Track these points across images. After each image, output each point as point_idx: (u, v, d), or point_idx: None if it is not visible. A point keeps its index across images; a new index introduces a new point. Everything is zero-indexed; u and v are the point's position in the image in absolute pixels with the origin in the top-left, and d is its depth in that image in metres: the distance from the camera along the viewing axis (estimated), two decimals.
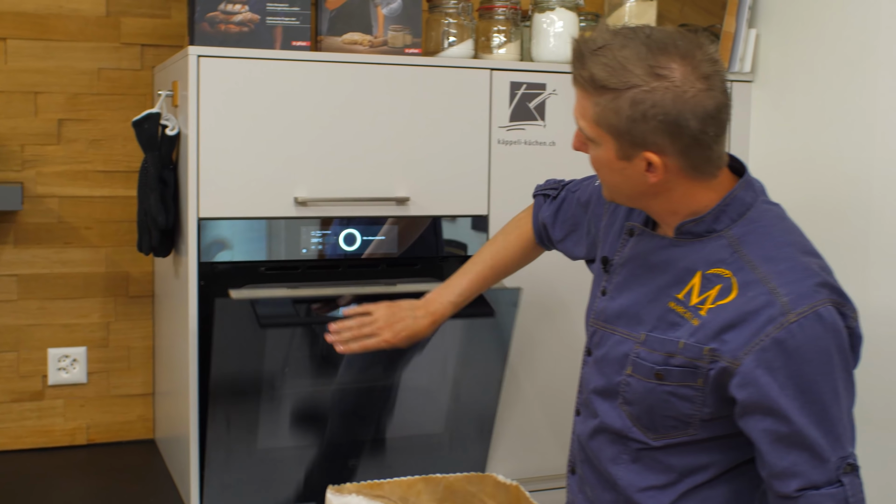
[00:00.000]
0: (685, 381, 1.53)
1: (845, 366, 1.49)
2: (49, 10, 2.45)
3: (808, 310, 1.45)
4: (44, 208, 2.48)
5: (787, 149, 2.41)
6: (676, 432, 1.56)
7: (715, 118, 1.46)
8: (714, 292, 1.51)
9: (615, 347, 1.63)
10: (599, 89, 1.46)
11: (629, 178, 1.53)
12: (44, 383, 2.52)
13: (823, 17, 2.31)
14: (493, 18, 2.38)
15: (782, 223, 1.58)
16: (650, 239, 1.63)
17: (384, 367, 2.28)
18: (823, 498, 1.46)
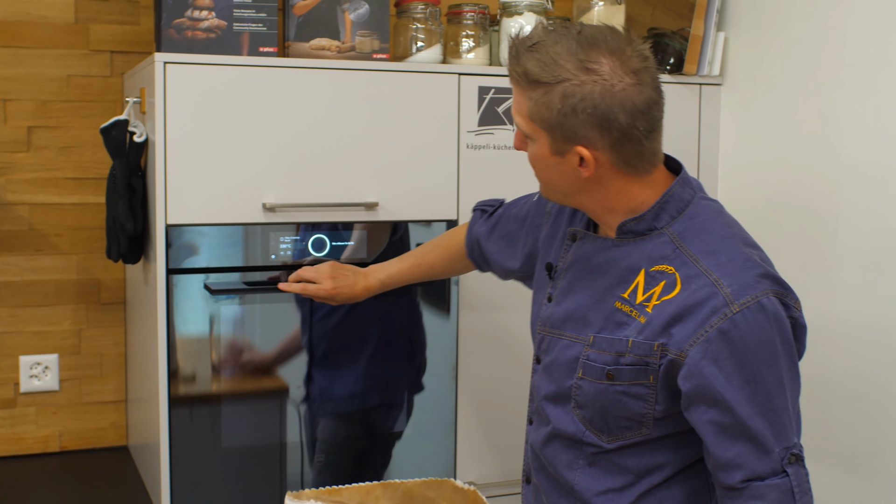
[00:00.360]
0: (637, 380, 1.54)
1: (789, 356, 1.50)
2: (17, 18, 2.44)
3: (751, 300, 1.47)
4: (14, 216, 2.47)
5: (756, 151, 2.43)
6: (630, 433, 1.57)
7: (644, 113, 1.49)
8: (659, 289, 1.53)
9: (564, 352, 1.64)
10: (532, 84, 1.50)
11: (563, 174, 1.56)
12: (16, 391, 2.52)
13: (791, 20, 2.32)
14: (462, 23, 2.38)
15: (721, 217, 1.60)
16: (592, 241, 1.64)
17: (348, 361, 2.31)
18: (768, 489, 1.48)
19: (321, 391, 2.31)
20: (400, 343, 2.36)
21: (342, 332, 2.31)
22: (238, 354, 2.24)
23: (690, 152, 2.50)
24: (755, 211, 2.42)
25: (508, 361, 2.37)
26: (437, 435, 2.37)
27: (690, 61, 2.45)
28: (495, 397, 2.38)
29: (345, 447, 2.36)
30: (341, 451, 2.35)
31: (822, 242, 2.23)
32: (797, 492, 1.48)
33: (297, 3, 2.22)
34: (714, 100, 2.52)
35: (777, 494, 1.47)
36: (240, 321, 2.23)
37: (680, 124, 2.49)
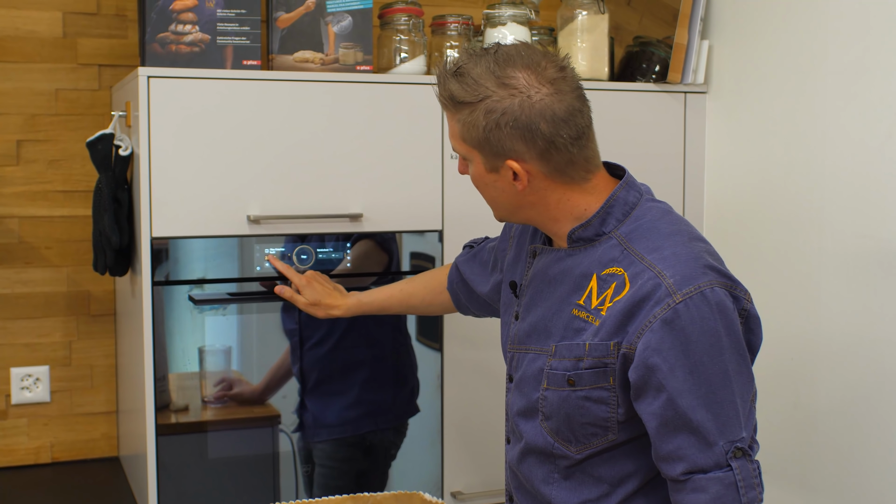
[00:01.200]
0: (597, 384, 1.55)
1: (736, 348, 1.51)
2: (5, 32, 2.46)
3: (694, 290, 1.49)
4: (3, 229, 2.49)
5: (742, 159, 2.43)
6: (597, 440, 1.58)
7: (566, 121, 1.54)
8: (610, 291, 1.56)
9: (530, 365, 1.66)
10: (458, 105, 1.56)
11: (503, 191, 1.61)
12: (7, 402, 2.54)
13: (775, 28, 2.33)
14: (446, 34, 2.40)
15: (668, 216, 1.62)
16: (548, 254, 1.68)
17: (337, 371, 2.33)
18: (709, 482, 1.49)
19: (314, 419, 2.32)
20: (391, 368, 2.38)
21: (333, 360, 2.33)
22: (225, 366, 2.26)
23: (676, 161, 2.51)
24: (741, 219, 2.42)
25: (490, 376, 2.39)
26: (425, 449, 2.38)
27: (674, 70, 2.46)
28: (478, 413, 2.39)
29: (345, 468, 2.37)
30: (341, 473, 2.37)
31: (807, 249, 2.24)
32: (742, 486, 1.49)
33: (280, 15, 2.24)
34: (699, 108, 2.52)
35: (719, 488, 1.48)
36: (226, 332, 2.24)
37: (665, 133, 2.50)
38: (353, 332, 2.32)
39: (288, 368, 2.32)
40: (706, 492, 1.49)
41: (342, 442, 2.36)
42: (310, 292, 2.12)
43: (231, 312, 2.23)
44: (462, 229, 2.31)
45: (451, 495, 2.37)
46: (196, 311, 2.17)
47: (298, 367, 2.31)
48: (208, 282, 2.17)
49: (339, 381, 2.34)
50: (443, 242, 2.31)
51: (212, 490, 2.23)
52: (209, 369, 2.26)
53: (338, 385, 2.34)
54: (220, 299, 2.19)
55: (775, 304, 2.29)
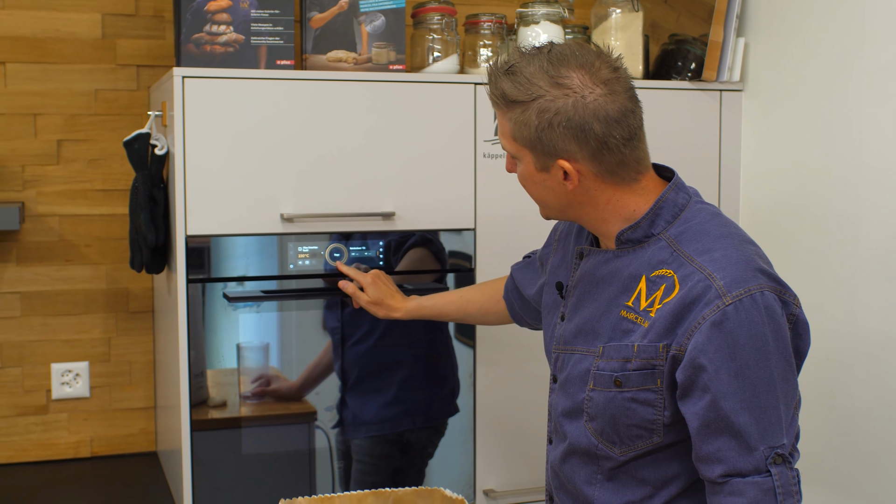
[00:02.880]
0: (644, 385, 1.55)
1: (783, 354, 1.50)
2: (46, 34, 2.51)
3: (744, 293, 1.48)
4: (44, 227, 2.54)
5: (778, 158, 2.41)
6: (641, 442, 1.58)
7: (619, 121, 1.53)
8: (660, 293, 1.55)
9: (576, 366, 1.65)
10: (510, 104, 1.56)
11: (552, 190, 1.60)
12: (47, 397, 2.58)
13: (811, 25, 2.31)
14: (479, 33, 2.40)
15: (718, 219, 1.62)
16: (595, 255, 1.67)
17: (372, 370, 2.35)
18: (747, 486, 1.48)
19: (353, 415, 2.34)
20: (431, 368, 2.39)
21: (373, 358, 2.35)
22: (263, 363, 2.28)
23: (711, 159, 2.50)
24: (777, 218, 2.40)
25: (524, 374, 2.39)
26: (458, 447, 2.39)
27: (709, 67, 2.45)
28: (511, 412, 2.39)
29: (382, 465, 2.39)
30: (378, 470, 2.38)
31: (843, 249, 2.21)
32: (780, 492, 1.47)
33: (313, 15, 2.25)
34: (735, 106, 2.50)
35: (756, 493, 1.47)
36: (263, 329, 2.27)
37: (701, 132, 2.49)
38: (394, 331, 2.33)
39: (325, 366, 2.34)
40: (743, 496, 1.48)
41: (380, 439, 2.37)
42: (373, 291, 2.15)
43: (267, 310, 2.25)
44: (494, 228, 2.32)
45: (484, 493, 2.38)
46: (230, 308, 2.19)
47: (340, 365, 2.33)
48: (242, 279, 2.19)
49: (378, 379, 2.36)
50: (475, 241, 2.32)
51: (246, 485, 2.25)
52: (247, 366, 2.28)
53: (377, 383, 2.36)
54: (254, 297, 2.22)
55: (811, 305, 2.26)
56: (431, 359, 2.39)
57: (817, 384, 2.27)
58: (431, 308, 2.15)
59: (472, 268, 2.33)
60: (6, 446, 2.56)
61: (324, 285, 2.25)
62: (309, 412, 2.34)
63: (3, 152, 2.50)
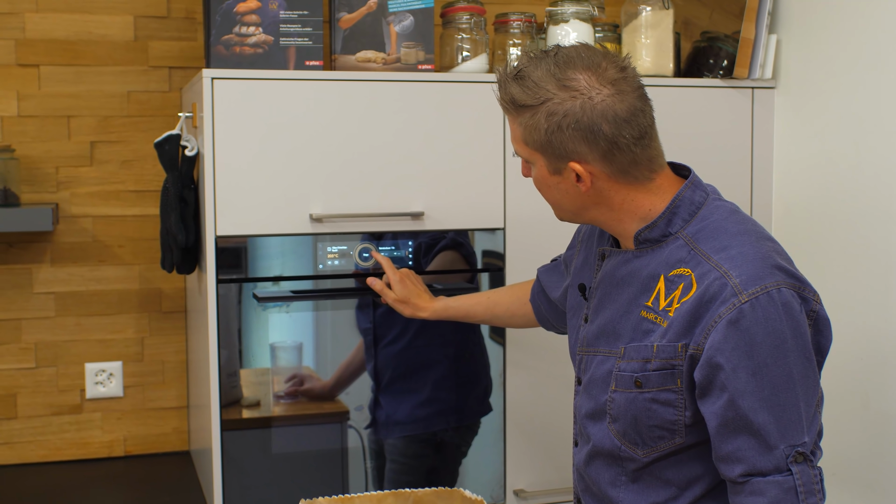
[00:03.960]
0: (664, 386, 1.54)
1: (802, 351, 1.48)
2: (79, 37, 2.53)
3: (760, 291, 1.47)
4: (78, 228, 2.56)
5: (811, 156, 2.38)
6: (664, 443, 1.57)
7: (629, 121, 1.53)
8: (678, 292, 1.54)
9: (599, 367, 1.65)
10: (520, 109, 1.56)
11: (566, 193, 1.61)
12: (82, 397, 2.61)
13: (843, 21, 2.28)
14: (509, 32, 2.40)
15: (735, 215, 1.60)
16: (616, 256, 1.66)
17: (403, 371, 2.35)
18: (768, 485, 1.46)
19: (387, 416, 2.35)
20: (464, 368, 2.39)
21: (406, 358, 2.35)
22: (297, 363, 2.29)
23: (743, 158, 2.47)
24: (810, 216, 2.38)
25: (554, 374, 2.38)
26: (488, 447, 2.39)
27: (741, 65, 2.42)
28: (541, 412, 2.39)
29: (416, 464, 2.39)
30: (412, 469, 2.39)
31: (877, 248, 2.18)
32: (802, 491, 1.46)
33: (342, 16, 2.26)
34: (767, 104, 2.48)
35: (777, 492, 1.46)
36: (296, 329, 2.28)
37: (732, 130, 2.46)
38: (427, 332, 2.33)
39: (358, 365, 2.34)
40: (764, 495, 1.46)
41: (413, 438, 2.37)
42: (401, 289, 2.15)
43: (299, 309, 2.26)
44: (524, 228, 2.31)
45: (514, 493, 2.37)
46: (260, 308, 2.20)
47: (373, 365, 2.33)
48: (271, 279, 2.20)
49: (412, 379, 2.36)
50: (505, 241, 2.31)
51: (277, 485, 2.26)
52: (280, 365, 2.29)
53: (411, 383, 2.36)
54: (283, 297, 2.23)
55: (844, 304, 2.24)
56: (464, 358, 2.39)
57: (851, 384, 2.24)
58: (458, 309, 2.15)
59: (502, 267, 2.32)
60: (41, 445, 2.59)
61: (355, 285, 2.26)
62: (341, 412, 2.35)
63: (38, 154, 2.52)
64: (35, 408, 2.58)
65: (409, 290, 2.15)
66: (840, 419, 2.26)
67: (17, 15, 2.49)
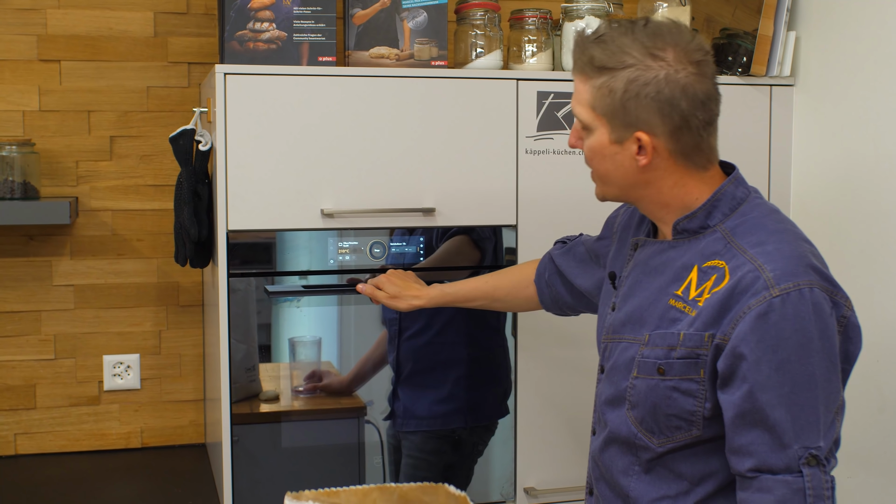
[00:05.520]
0: (687, 375, 1.53)
1: (828, 354, 1.47)
2: (100, 33, 2.56)
3: (793, 287, 1.45)
4: (97, 221, 2.59)
5: (829, 153, 2.36)
6: (680, 434, 1.56)
7: (704, 104, 1.53)
8: (710, 283, 1.53)
9: (622, 354, 1.64)
10: (598, 70, 1.54)
11: (620, 165, 1.58)
12: (100, 389, 2.64)
13: (863, 18, 2.25)
14: (524, 28, 2.39)
15: (776, 215, 1.60)
16: (651, 246, 1.66)
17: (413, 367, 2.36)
18: (777, 484, 1.45)
19: (405, 409, 2.35)
20: (486, 368, 2.39)
21: (429, 353, 2.35)
22: (316, 357, 2.31)
23: (762, 155, 2.45)
24: (828, 214, 2.35)
25: (565, 373, 2.37)
26: (499, 445, 2.39)
27: (759, 62, 2.40)
28: (552, 410, 2.38)
29: (433, 460, 2.39)
30: (429, 465, 2.39)
31: (895, 246, 2.15)
32: (810, 494, 1.44)
33: (356, 12, 2.26)
34: (786, 101, 2.45)
35: (785, 491, 1.44)
36: (314, 324, 2.29)
37: (751, 127, 2.44)
38: (452, 329, 2.33)
39: (377, 360, 2.35)
40: (772, 493, 1.45)
41: (431, 434, 2.37)
42: (390, 287, 2.13)
43: (320, 304, 2.27)
44: (536, 224, 2.31)
45: (525, 491, 2.37)
46: (272, 302, 2.22)
47: (395, 357, 2.33)
48: (282, 274, 2.21)
49: (432, 375, 2.36)
50: (517, 237, 2.30)
51: (290, 479, 2.27)
52: (300, 360, 2.31)
53: (431, 378, 2.36)
54: (294, 291, 2.24)
55: (861, 303, 2.20)
56: (487, 358, 2.38)
57: (867, 385, 2.21)
58: (455, 294, 2.12)
59: (514, 263, 2.31)
60: (59, 436, 2.62)
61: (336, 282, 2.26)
62: (358, 407, 2.36)
63: (58, 148, 2.56)
64: (54, 399, 2.61)
65: (399, 285, 2.12)
66: (856, 421, 2.23)
67: (39, 11, 2.52)
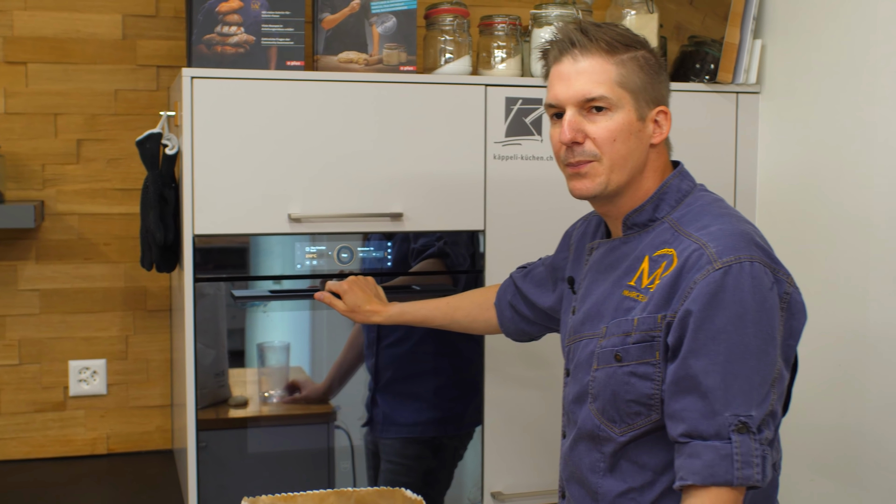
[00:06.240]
0: (643, 358, 1.56)
1: (764, 327, 1.50)
2: (67, 35, 2.54)
3: (734, 260, 1.50)
4: (64, 225, 2.57)
5: (794, 159, 2.37)
6: (640, 419, 1.58)
7: None
8: (660, 270, 1.57)
9: (583, 351, 1.67)
10: (626, 47, 1.61)
11: (640, 144, 1.63)
12: (65, 394, 2.61)
13: (827, 27, 2.27)
14: (493, 34, 2.39)
15: (719, 203, 1.65)
16: (604, 246, 1.71)
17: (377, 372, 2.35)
18: (706, 449, 1.48)
19: (384, 416, 2.35)
20: (466, 378, 2.38)
21: (409, 362, 2.35)
22: (285, 362, 2.30)
23: (728, 161, 2.46)
24: (793, 219, 2.37)
25: (529, 382, 2.37)
26: (466, 450, 2.39)
27: (725, 69, 2.41)
28: (518, 416, 2.38)
29: (413, 465, 2.39)
30: (409, 470, 2.38)
31: (857, 250, 2.17)
32: (738, 460, 1.46)
33: (325, 17, 2.26)
34: (752, 108, 2.47)
35: (713, 456, 1.47)
36: (270, 329, 2.28)
37: (717, 134, 2.46)
38: (433, 339, 2.33)
39: (350, 363, 2.33)
40: (700, 458, 1.48)
41: (412, 440, 2.37)
42: (350, 298, 2.12)
43: (291, 309, 2.26)
44: (504, 229, 2.31)
45: (492, 496, 2.37)
46: (243, 307, 2.21)
47: (373, 363, 2.33)
48: (249, 279, 2.20)
49: (413, 384, 2.36)
50: (485, 242, 2.30)
51: (258, 485, 2.26)
52: (269, 365, 2.30)
53: (412, 387, 2.36)
54: (261, 296, 2.23)
55: (824, 307, 2.23)
56: (468, 368, 2.38)
57: (829, 389, 2.23)
58: (415, 314, 2.12)
59: (482, 269, 2.32)
60: (24, 442, 2.60)
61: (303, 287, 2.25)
62: (327, 412, 2.35)
63: (25, 151, 2.54)
64: (18, 405, 2.58)
65: (359, 297, 2.11)
66: (819, 424, 2.25)
67: (6, 12, 2.50)
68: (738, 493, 1.48)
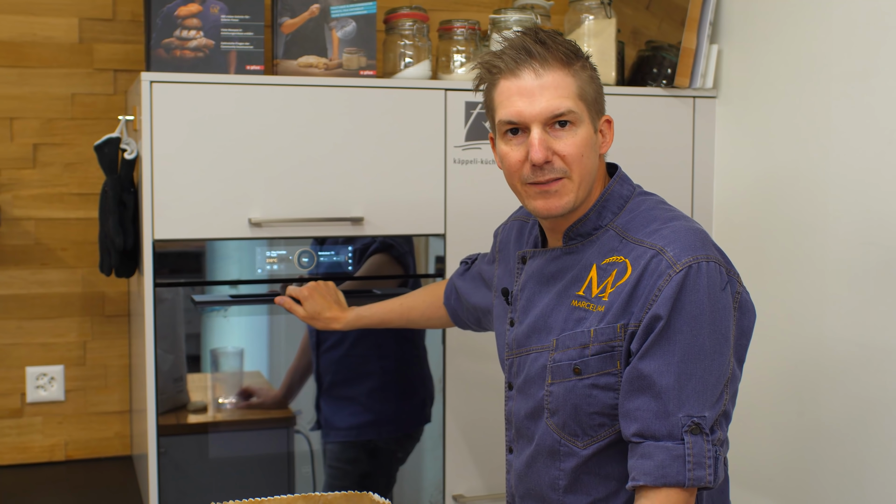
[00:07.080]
0: (604, 370, 1.55)
1: (719, 328, 1.51)
2: (23, 38, 2.52)
3: (692, 261, 1.50)
4: (20, 230, 2.55)
5: (751, 164, 2.41)
6: (604, 430, 1.57)
7: None
8: (611, 278, 1.56)
9: (532, 365, 1.65)
10: (574, 58, 1.57)
11: (596, 155, 1.62)
12: (22, 401, 2.59)
13: (783, 32, 2.30)
14: (453, 39, 2.40)
15: (663, 205, 1.65)
16: (542, 255, 1.68)
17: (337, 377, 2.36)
18: (658, 449, 1.48)
19: (326, 420, 2.35)
20: (400, 380, 2.39)
21: (345, 365, 2.36)
22: (238, 368, 2.29)
23: (685, 166, 2.49)
24: (750, 224, 2.40)
25: (490, 385, 2.38)
26: (428, 454, 2.39)
27: (682, 74, 2.44)
28: (480, 419, 2.39)
29: (349, 469, 2.39)
30: (345, 474, 2.38)
31: (813, 256, 2.20)
32: (690, 461, 1.47)
33: (285, 21, 2.26)
34: (709, 113, 2.50)
35: (665, 457, 1.47)
36: (228, 334, 2.28)
37: (674, 138, 2.48)
38: (365, 341, 2.33)
39: (305, 368, 2.34)
40: (652, 458, 1.48)
41: (349, 444, 2.37)
42: (310, 305, 2.13)
43: (249, 314, 2.26)
44: (464, 233, 2.32)
45: (453, 499, 2.37)
46: (201, 312, 2.20)
47: (316, 367, 2.34)
48: (209, 283, 2.20)
49: (350, 387, 2.36)
50: (446, 245, 2.32)
51: (217, 490, 2.25)
52: (223, 371, 2.29)
53: (348, 390, 2.36)
54: (221, 301, 2.22)
55: (781, 312, 2.26)
56: (403, 370, 2.39)
57: (785, 392, 2.26)
58: (371, 317, 2.13)
59: (443, 273, 2.32)
60: None
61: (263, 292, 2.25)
62: (287, 417, 2.35)
63: None
64: None
65: (319, 304, 2.12)
66: (775, 427, 2.28)
67: None
68: (690, 494, 1.48)
